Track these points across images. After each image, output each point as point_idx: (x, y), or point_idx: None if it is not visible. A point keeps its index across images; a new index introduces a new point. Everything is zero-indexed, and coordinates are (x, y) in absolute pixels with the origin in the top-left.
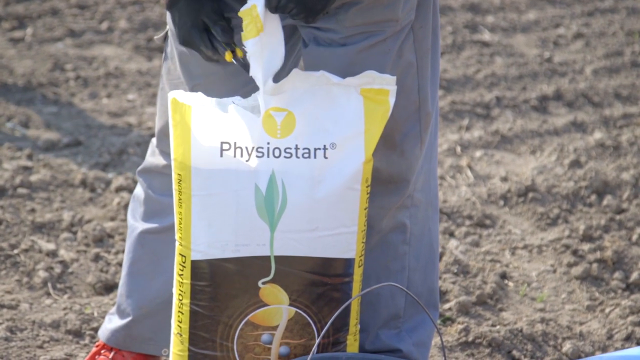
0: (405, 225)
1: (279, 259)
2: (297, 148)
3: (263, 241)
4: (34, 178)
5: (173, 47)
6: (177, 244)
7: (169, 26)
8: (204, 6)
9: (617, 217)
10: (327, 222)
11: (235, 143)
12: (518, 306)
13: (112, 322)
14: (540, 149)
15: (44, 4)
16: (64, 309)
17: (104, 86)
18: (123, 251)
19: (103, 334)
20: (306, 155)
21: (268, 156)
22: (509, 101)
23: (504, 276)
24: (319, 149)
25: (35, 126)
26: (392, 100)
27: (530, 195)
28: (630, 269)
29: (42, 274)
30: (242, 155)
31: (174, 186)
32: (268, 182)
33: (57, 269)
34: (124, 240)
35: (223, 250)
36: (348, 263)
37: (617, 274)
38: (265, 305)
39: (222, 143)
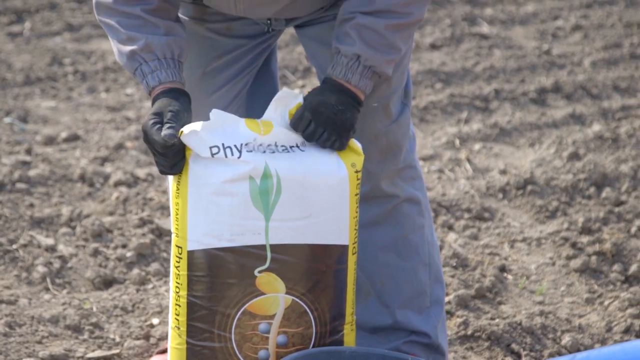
0: (419, 198)
1: (274, 247)
2: (276, 145)
3: (258, 230)
4: (32, 173)
5: None
6: (173, 235)
7: None
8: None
9: (616, 209)
10: (319, 209)
11: (223, 144)
12: (517, 299)
13: None
14: (539, 141)
15: None
16: (63, 304)
17: (102, 80)
18: (122, 246)
19: None
20: (285, 151)
21: (257, 150)
22: (507, 94)
23: (503, 269)
24: (293, 146)
25: (33, 121)
26: None
27: (529, 188)
28: (629, 261)
29: (41, 269)
30: (232, 154)
31: (172, 177)
32: (262, 173)
33: (56, 264)
34: (122, 235)
35: (219, 240)
36: (342, 250)
37: (616, 267)
38: (262, 294)
39: (210, 148)
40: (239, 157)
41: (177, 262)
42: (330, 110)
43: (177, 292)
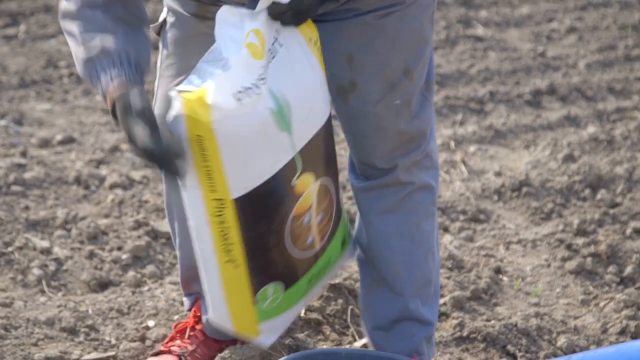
0: (432, 187)
1: (301, 153)
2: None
3: (286, 148)
4: (27, 175)
5: (169, 36)
6: (203, 192)
7: (165, 15)
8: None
9: (611, 211)
10: (312, 94)
11: (243, 87)
12: (512, 301)
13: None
14: (534, 143)
15: (37, 1)
16: (59, 306)
17: None
18: (117, 248)
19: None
20: (272, 56)
21: (265, 79)
22: (502, 96)
23: (498, 271)
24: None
25: (28, 123)
26: None
27: (524, 189)
28: (624, 262)
29: (37, 271)
30: (255, 92)
31: (193, 148)
32: (274, 99)
33: (52, 267)
34: (118, 237)
35: (260, 177)
36: (328, 115)
37: (611, 268)
38: (301, 195)
39: (236, 93)
40: (258, 94)
41: (218, 213)
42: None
43: (225, 239)
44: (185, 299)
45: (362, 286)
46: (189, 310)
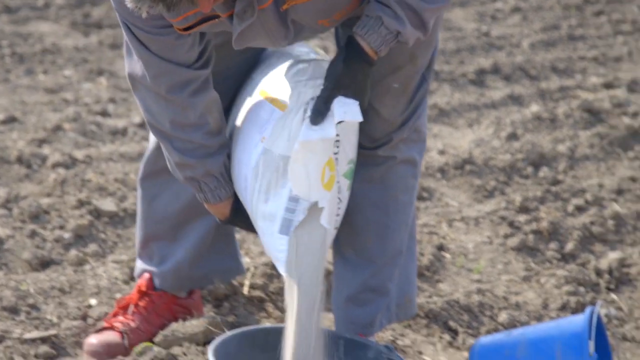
0: (416, 161)
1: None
2: None
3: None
4: None
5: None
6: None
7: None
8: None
9: (553, 188)
10: None
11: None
12: (455, 277)
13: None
14: (478, 122)
15: None
16: (0, 285)
17: (40, 62)
18: (60, 227)
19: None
20: None
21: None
22: (446, 75)
23: (441, 248)
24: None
25: None
26: None
27: (468, 167)
28: (565, 239)
29: None
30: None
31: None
32: None
33: None
34: (60, 216)
35: None
36: None
37: (552, 245)
38: None
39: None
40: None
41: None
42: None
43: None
44: (137, 263)
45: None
46: (138, 276)
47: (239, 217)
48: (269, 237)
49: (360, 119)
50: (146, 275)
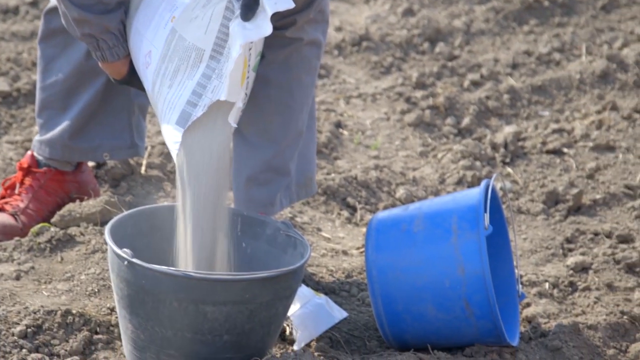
0: (320, 42)
1: None
2: None
3: None
4: None
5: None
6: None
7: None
8: None
9: (449, 64)
10: None
11: None
12: (352, 154)
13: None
14: None
15: None
16: None
17: None
18: None
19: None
20: None
21: None
22: None
23: (338, 125)
24: None
25: None
26: None
27: (364, 44)
28: (461, 114)
29: None
30: None
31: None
32: None
33: None
34: None
35: None
36: None
37: (449, 120)
38: None
39: None
40: None
41: None
42: None
43: None
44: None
45: (234, 143)
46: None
47: (136, 76)
48: (165, 123)
49: (292, 5)
50: (29, 153)
